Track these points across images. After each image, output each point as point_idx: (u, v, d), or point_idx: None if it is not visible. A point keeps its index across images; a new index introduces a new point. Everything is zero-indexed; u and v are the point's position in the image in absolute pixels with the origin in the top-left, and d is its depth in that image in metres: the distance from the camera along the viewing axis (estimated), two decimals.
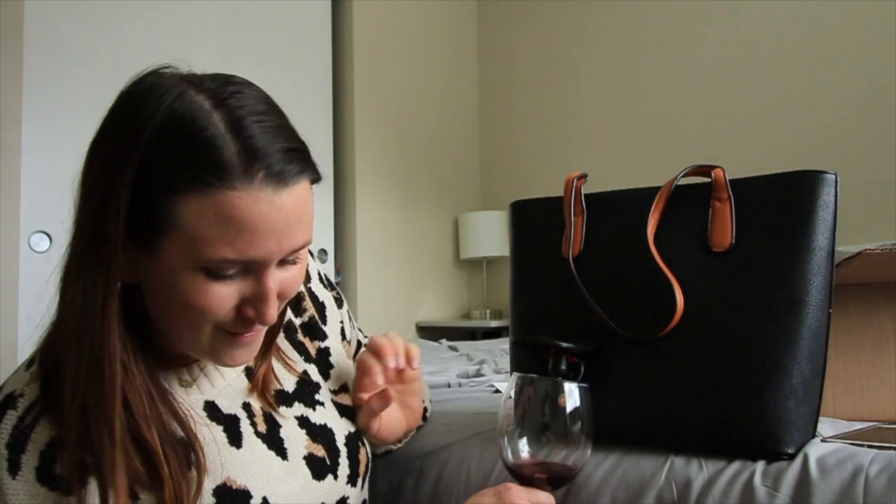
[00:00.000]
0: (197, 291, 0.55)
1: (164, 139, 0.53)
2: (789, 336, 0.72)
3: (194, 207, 0.53)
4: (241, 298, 0.58)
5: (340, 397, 0.81)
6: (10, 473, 0.53)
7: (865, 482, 0.64)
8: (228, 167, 0.53)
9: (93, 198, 0.55)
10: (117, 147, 0.54)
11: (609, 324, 0.79)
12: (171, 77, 0.57)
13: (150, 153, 0.53)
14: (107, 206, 0.53)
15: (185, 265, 0.55)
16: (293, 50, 2.77)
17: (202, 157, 0.52)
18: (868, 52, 2.48)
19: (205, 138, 0.53)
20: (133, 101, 0.55)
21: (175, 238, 0.54)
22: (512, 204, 0.95)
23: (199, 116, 0.53)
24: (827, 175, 0.73)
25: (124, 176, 0.52)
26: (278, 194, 0.55)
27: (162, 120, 0.53)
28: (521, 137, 3.56)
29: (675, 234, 0.79)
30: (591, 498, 0.77)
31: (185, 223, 0.53)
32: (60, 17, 2.16)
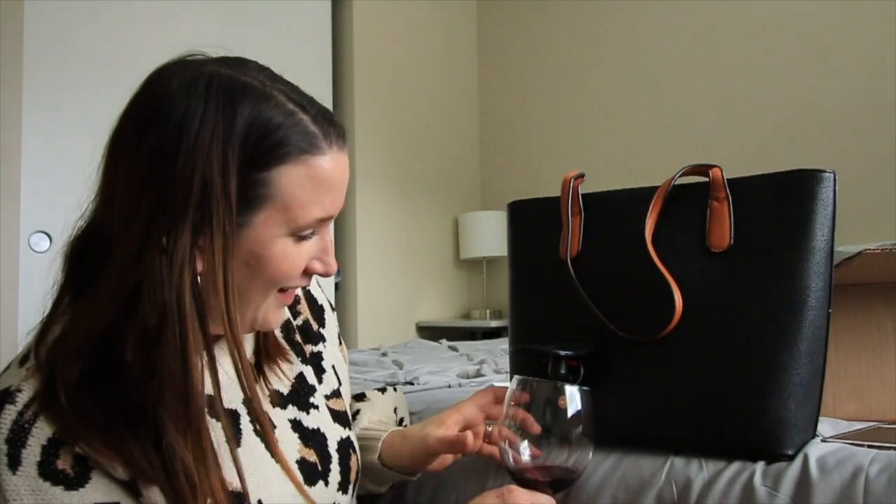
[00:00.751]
0: (288, 257, 0.59)
1: (256, 121, 0.56)
2: (789, 337, 0.72)
3: (293, 177, 0.57)
4: (309, 256, 0.62)
5: (333, 402, 0.80)
6: (10, 469, 0.52)
7: (865, 482, 0.64)
8: (314, 135, 0.58)
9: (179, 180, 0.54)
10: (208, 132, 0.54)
11: (607, 325, 0.79)
12: (209, 61, 0.60)
13: (245, 133, 0.55)
14: (210, 185, 0.54)
15: (277, 234, 0.58)
16: (293, 50, 2.77)
17: (292, 130, 0.57)
18: (868, 51, 2.48)
19: (287, 112, 0.57)
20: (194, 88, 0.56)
21: (271, 210, 0.57)
22: (509, 204, 0.95)
23: (269, 94, 0.57)
24: (825, 174, 0.73)
25: (228, 153, 0.54)
26: (343, 153, 0.62)
27: (249, 93, 0.56)
28: (521, 137, 3.56)
29: (674, 234, 0.79)
30: (591, 498, 0.77)
31: (284, 192, 0.57)
32: (60, 17, 2.16)
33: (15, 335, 1.99)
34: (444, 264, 3.48)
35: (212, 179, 0.54)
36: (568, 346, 0.79)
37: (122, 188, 0.55)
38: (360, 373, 1.62)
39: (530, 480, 0.72)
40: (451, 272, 3.52)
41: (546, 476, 0.72)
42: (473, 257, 3.38)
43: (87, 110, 2.19)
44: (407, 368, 1.65)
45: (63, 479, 0.53)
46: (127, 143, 0.57)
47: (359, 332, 3.00)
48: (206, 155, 0.54)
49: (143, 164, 0.55)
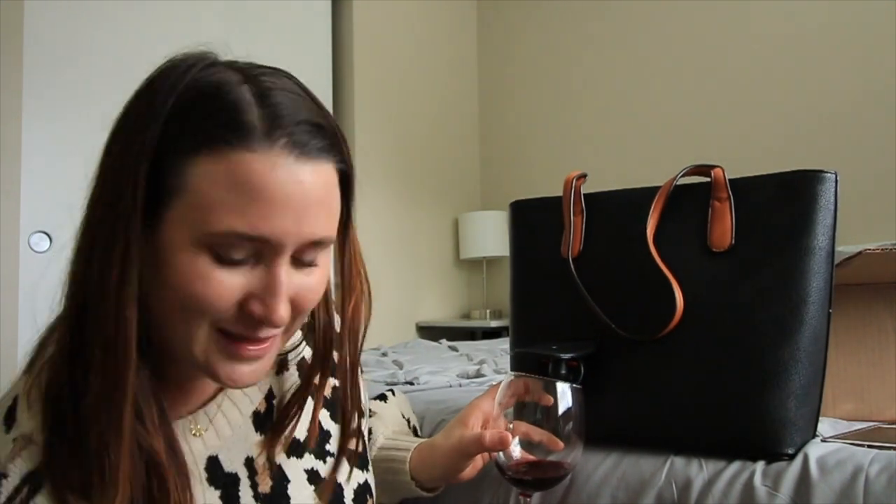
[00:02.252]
0: (198, 275, 0.49)
1: (186, 103, 0.49)
2: (789, 336, 0.72)
3: (207, 169, 0.48)
4: (247, 292, 0.51)
5: (352, 443, 0.72)
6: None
7: (865, 482, 0.64)
8: (248, 127, 0.49)
9: (112, 173, 0.50)
10: (140, 116, 0.50)
11: (609, 325, 0.79)
12: (203, 54, 0.54)
13: (170, 118, 0.49)
14: (125, 177, 0.48)
15: (188, 239, 0.49)
16: (293, 50, 2.77)
17: (221, 117, 0.49)
18: (868, 51, 2.48)
19: (228, 101, 0.49)
20: (161, 73, 0.52)
21: (182, 205, 0.49)
22: (511, 204, 0.95)
23: (225, 82, 0.50)
24: (827, 174, 0.73)
25: (145, 144, 0.48)
26: (299, 165, 0.50)
27: (185, 85, 0.50)
28: (521, 137, 3.55)
29: (675, 234, 0.79)
30: (591, 498, 0.77)
31: (196, 187, 0.48)
32: (60, 17, 2.16)
33: (15, 335, 1.99)
34: (444, 264, 3.48)
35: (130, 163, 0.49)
36: (568, 349, 0.79)
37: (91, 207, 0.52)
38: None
39: (520, 477, 0.72)
40: (451, 272, 3.52)
41: (536, 472, 0.72)
42: (473, 257, 3.38)
43: (88, 110, 2.19)
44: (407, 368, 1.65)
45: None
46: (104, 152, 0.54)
47: None
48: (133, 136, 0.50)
49: (102, 175, 0.52)
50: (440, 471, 0.78)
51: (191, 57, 0.53)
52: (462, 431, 0.75)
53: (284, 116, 0.50)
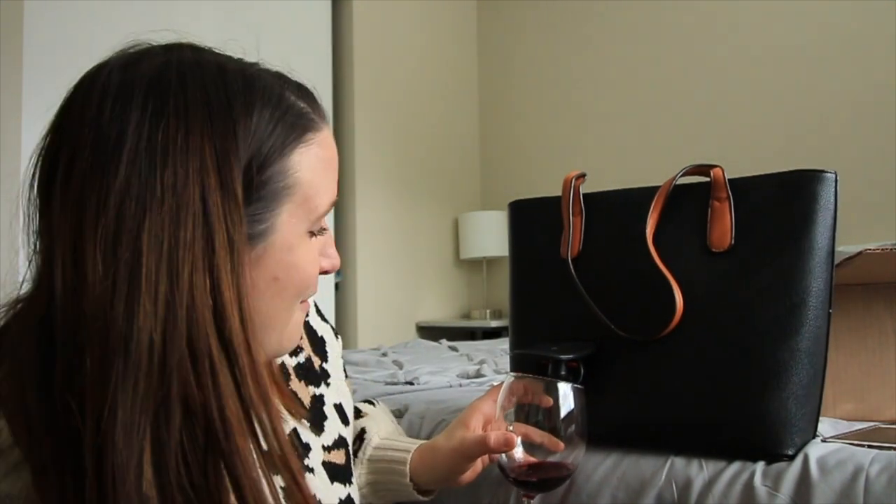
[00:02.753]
0: (312, 257, 0.54)
1: (255, 102, 0.49)
2: (789, 337, 0.72)
3: (306, 159, 0.51)
4: (319, 253, 0.56)
5: (334, 455, 0.70)
6: None
7: (866, 482, 0.64)
8: (309, 113, 0.53)
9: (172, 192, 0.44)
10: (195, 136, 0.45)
11: (608, 325, 0.79)
12: (153, 51, 0.50)
13: (249, 125, 0.47)
14: (209, 194, 0.44)
15: (301, 232, 0.52)
16: (293, 50, 2.77)
17: (292, 111, 0.51)
18: (868, 51, 2.48)
19: (275, 92, 0.51)
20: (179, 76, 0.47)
21: (292, 204, 0.51)
22: (510, 204, 0.95)
23: (250, 75, 0.51)
24: (827, 174, 0.73)
25: (230, 155, 0.46)
26: (330, 131, 0.56)
27: (233, 85, 0.48)
28: (522, 137, 3.55)
29: (675, 234, 0.79)
30: (591, 498, 0.77)
31: (303, 179, 0.51)
32: (60, 17, 2.16)
33: None
34: (444, 264, 3.48)
35: (211, 192, 0.45)
36: (568, 350, 0.79)
37: (93, 236, 0.43)
38: (359, 373, 1.62)
39: (524, 478, 0.72)
40: (451, 272, 3.52)
41: (538, 473, 0.72)
42: (473, 257, 3.38)
43: None
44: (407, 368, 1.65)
45: None
46: (94, 177, 0.44)
47: (359, 332, 3.00)
48: (200, 165, 0.45)
49: (121, 201, 0.43)
50: (441, 473, 0.77)
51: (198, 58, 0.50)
52: (464, 433, 0.75)
53: (310, 92, 0.55)
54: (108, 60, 0.48)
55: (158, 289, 0.43)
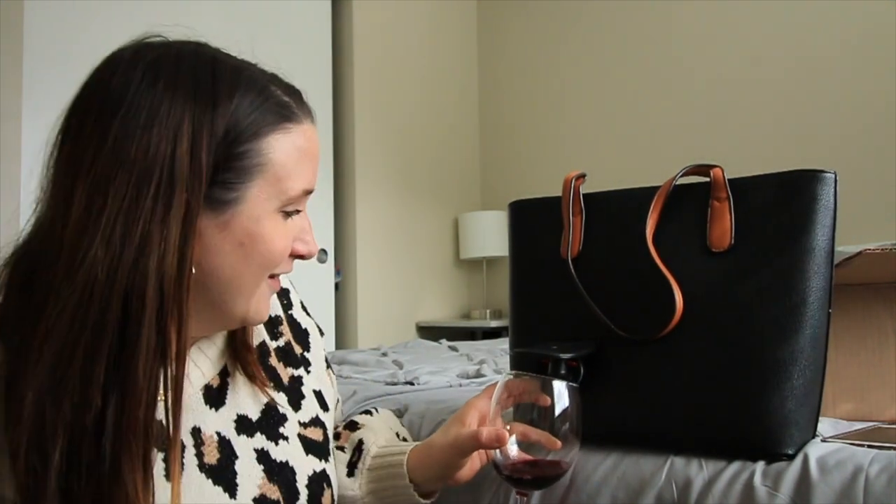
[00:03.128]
0: (280, 234, 0.59)
1: (236, 91, 0.56)
2: (789, 337, 0.72)
3: (280, 144, 0.58)
4: (293, 236, 0.62)
5: (310, 431, 0.74)
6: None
7: (866, 482, 0.64)
8: (292, 106, 0.60)
9: (144, 152, 0.52)
10: (178, 105, 0.53)
11: (608, 325, 0.79)
12: (168, 42, 0.61)
13: (231, 104, 0.55)
14: (178, 159, 0.52)
15: (269, 208, 0.58)
16: (293, 50, 2.77)
17: (271, 102, 0.58)
18: (868, 51, 2.48)
19: (262, 84, 0.58)
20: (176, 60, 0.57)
21: (262, 181, 0.57)
22: (510, 204, 0.95)
23: (241, 66, 0.59)
24: (826, 174, 0.73)
25: (204, 128, 0.53)
26: (314, 127, 0.63)
27: (223, 70, 0.57)
28: (521, 137, 3.56)
29: (674, 234, 0.79)
30: (591, 498, 0.77)
31: (275, 161, 0.57)
32: (60, 18, 2.16)
33: None
34: (444, 264, 3.48)
35: (181, 154, 0.52)
36: (568, 349, 0.79)
37: (85, 177, 0.52)
38: (360, 373, 1.62)
39: (517, 476, 0.72)
40: (451, 272, 3.52)
41: (533, 471, 0.72)
42: (473, 257, 3.38)
43: None
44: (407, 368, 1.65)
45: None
46: (89, 130, 0.54)
47: (359, 332, 3.00)
48: (176, 128, 0.53)
49: (110, 147, 0.52)
50: (437, 470, 0.77)
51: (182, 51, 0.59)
52: (459, 429, 0.75)
53: (289, 87, 0.61)
54: (124, 45, 0.58)
55: (114, 230, 0.50)
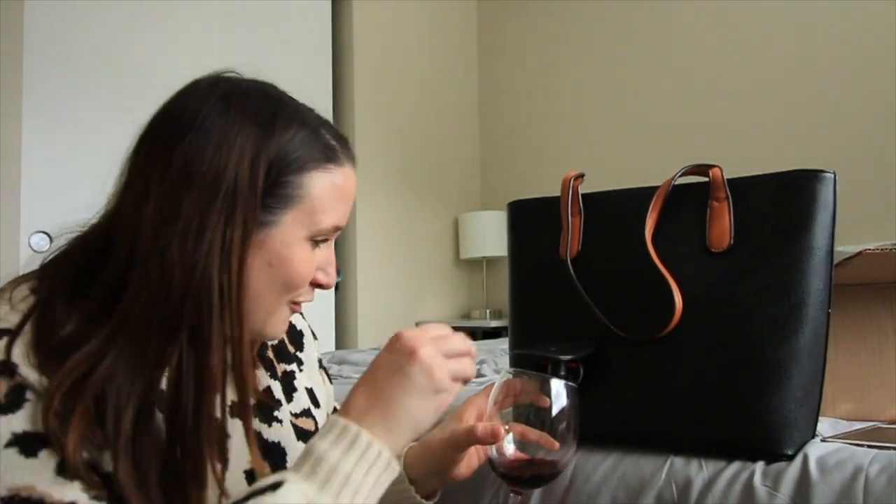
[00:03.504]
0: (305, 260, 0.64)
1: (289, 129, 0.62)
2: (789, 337, 0.72)
3: (319, 182, 0.63)
4: (317, 265, 0.66)
5: (301, 421, 0.77)
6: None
7: (865, 482, 0.64)
8: (337, 150, 0.65)
9: (213, 176, 0.58)
10: (243, 134, 0.60)
11: (607, 325, 0.79)
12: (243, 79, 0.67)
13: (283, 138, 0.61)
14: (241, 182, 0.59)
15: (299, 236, 0.63)
16: (293, 50, 2.77)
17: (319, 142, 0.64)
18: (868, 51, 2.48)
19: (314, 126, 0.64)
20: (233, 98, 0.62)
21: (298, 211, 0.62)
22: (509, 204, 0.95)
23: (298, 108, 0.65)
24: (826, 174, 0.73)
25: (259, 157, 0.60)
26: (354, 172, 0.68)
27: (283, 109, 0.63)
28: (521, 137, 3.55)
29: (674, 234, 0.79)
30: (591, 498, 0.77)
31: (312, 196, 0.63)
32: (60, 18, 2.16)
33: None
34: (444, 264, 3.48)
35: (242, 177, 0.59)
36: (567, 350, 0.79)
37: (158, 187, 0.58)
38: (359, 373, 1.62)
39: (512, 474, 0.71)
40: (451, 272, 3.52)
41: (528, 470, 0.72)
42: (473, 257, 3.38)
43: (88, 110, 2.19)
44: None
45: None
46: (162, 147, 0.60)
47: (359, 332, 3.00)
48: (239, 154, 0.59)
49: (181, 164, 0.58)
50: (434, 466, 0.77)
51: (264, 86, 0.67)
52: (455, 425, 0.76)
53: (338, 133, 0.67)
54: (202, 76, 0.66)
55: (188, 237, 0.57)
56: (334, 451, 0.55)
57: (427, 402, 0.59)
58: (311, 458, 0.55)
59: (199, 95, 0.62)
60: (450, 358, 0.60)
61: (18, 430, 0.52)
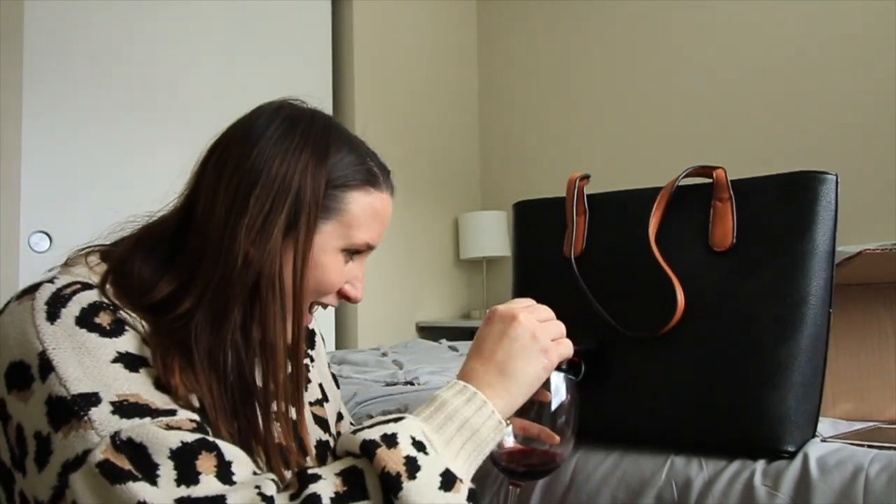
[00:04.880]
0: (337, 269, 0.70)
1: (342, 152, 0.70)
2: (790, 335, 0.72)
3: (360, 201, 0.70)
4: (347, 277, 0.73)
5: (316, 409, 0.83)
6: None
7: (865, 482, 0.64)
8: (380, 177, 0.73)
9: (280, 181, 0.66)
10: (306, 151, 0.68)
11: (610, 322, 0.79)
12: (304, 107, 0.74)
13: (335, 158, 0.69)
14: (304, 189, 0.66)
15: (335, 245, 0.69)
16: (293, 50, 2.77)
17: (364, 166, 0.71)
18: (869, 52, 2.48)
19: (362, 153, 0.72)
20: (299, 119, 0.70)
21: (337, 223, 0.69)
22: (515, 204, 0.96)
23: (352, 137, 0.74)
24: (828, 176, 0.74)
25: (319, 172, 0.67)
26: (392, 199, 0.76)
27: (338, 135, 0.72)
28: (521, 137, 3.56)
29: (677, 233, 0.80)
30: (591, 497, 0.77)
31: (352, 211, 0.70)
32: (60, 17, 2.16)
33: None
34: (444, 264, 3.48)
35: (305, 186, 0.66)
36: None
37: (228, 183, 0.66)
38: (360, 373, 1.62)
39: (511, 467, 0.71)
40: (451, 272, 3.52)
41: (526, 462, 0.72)
42: (473, 257, 3.38)
43: (88, 110, 2.19)
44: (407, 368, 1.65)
45: (98, 328, 0.58)
46: (236, 151, 0.67)
47: (359, 332, 3.00)
48: (304, 165, 0.67)
49: (251, 166, 0.66)
50: None
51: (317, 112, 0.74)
52: None
53: (385, 168, 0.75)
54: (270, 101, 0.73)
55: (251, 236, 0.64)
56: (456, 400, 0.61)
57: (536, 360, 0.64)
58: (435, 403, 0.61)
59: (267, 116, 0.70)
60: (543, 322, 0.67)
61: (122, 350, 0.58)
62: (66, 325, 0.57)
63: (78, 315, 0.58)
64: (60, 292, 0.59)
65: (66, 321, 0.57)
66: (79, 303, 0.59)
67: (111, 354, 0.57)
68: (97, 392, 0.54)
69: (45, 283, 0.60)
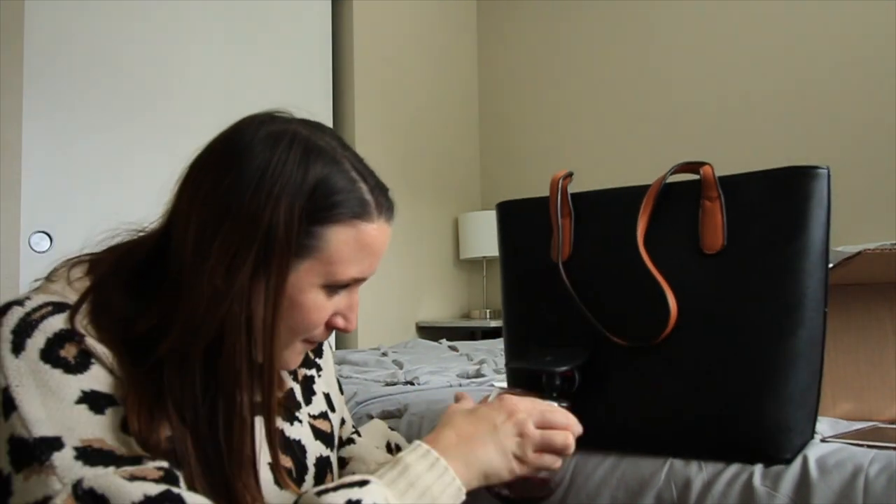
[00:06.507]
0: (317, 307, 0.65)
1: (323, 181, 0.63)
2: (786, 339, 0.71)
3: (341, 236, 0.63)
4: (334, 311, 0.67)
5: (319, 422, 0.80)
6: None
7: (865, 482, 0.64)
8: (368, 203, 0.65)
9: (250, 217, 0.60)
10: (281, 181, 0.61)
11: (602, 331, 0.78)
12: (293, 120, 0.67)
13: (316, 190, 0.62)
14: (275, 228, 0.60)
15: (314, 283, 0.64)
16: (293, 50, 2.77)
17: (350, 195, 0.64)
18: (866, 49, 2.47)
19: (350, 178, 0.64)
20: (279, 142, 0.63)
21: (314, 261, 0.63)
22: (498, 205, 0.92)
23: (338, 160, 0.65)
24: (819, 170, 0.71)
25: (293, 207, 0.61)
26: (389, 225, 0.68)
27: (323, 159, 0.64)
28: (521, 137, 3.55)
29: (666, 236, 0.77)
30: (591, 498, 0.77)
31: (331, 248, 0.63)
32: (60, 17, 2.16)
33: None
34: (444, 264, 3.48)
35: (278, 223, 0.60)
36: (562, 360, 0.78)
37: (199, 213, 0.61)
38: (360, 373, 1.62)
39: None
40: (451, 272, 3.52)
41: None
42: (473, 257, 3.38)
43: (88, 110, 2.19)
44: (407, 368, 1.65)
45: (63, 363, 0.56)
46: (210, 175, 0.62)
47: (359, 332, 3.00)
48: (276, 200, 0.60)
49: (222, 197, 0.61)
50: None
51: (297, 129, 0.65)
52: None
53: (381, 188, 0.67)
54: (256, 113, 0.67)
55: (215, 278, 0.59)
56: (419, 465, 0.60)
57: (505, 461, 0.64)
58: (398, 467, 0.60)
59: (250, 132, 0.64)
60: (543, 429, 0.66)
61: (87, 389, 0.56)
62: (29, 359, 0.55)
63: (43, 347, 0.56)
64: (28, 318, 0.57)
65: (30, 355, 0.56)
66: (44, 332, 0.57)
67: (75, 394, 0.55)
68: (60, 437, 0.53)
69: (15, 306, 0.58)
